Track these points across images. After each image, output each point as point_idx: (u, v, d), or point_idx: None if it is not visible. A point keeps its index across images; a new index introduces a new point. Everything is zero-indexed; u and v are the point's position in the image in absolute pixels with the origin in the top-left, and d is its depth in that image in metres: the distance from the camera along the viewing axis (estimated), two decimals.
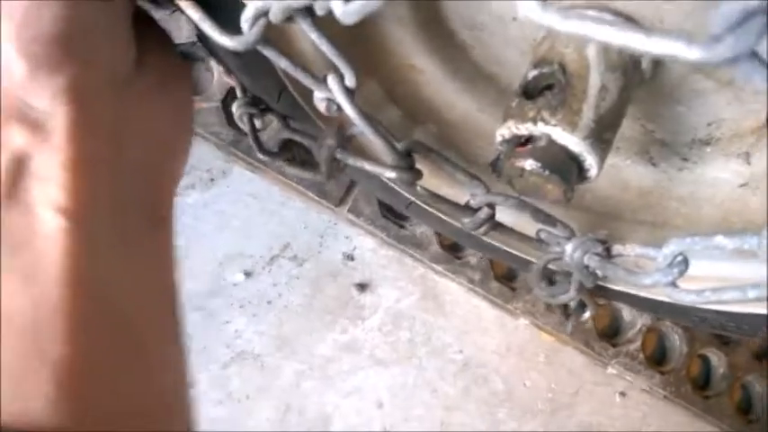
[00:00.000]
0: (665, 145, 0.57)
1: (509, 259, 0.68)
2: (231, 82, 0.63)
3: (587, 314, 0.58)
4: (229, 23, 0.46)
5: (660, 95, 0.54)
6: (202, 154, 1.29)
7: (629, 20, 0.46)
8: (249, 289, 1.27)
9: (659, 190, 0.61)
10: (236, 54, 0.57)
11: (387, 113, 0.61)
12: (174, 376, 0.44)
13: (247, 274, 1.28)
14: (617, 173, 0.60)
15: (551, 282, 0.59)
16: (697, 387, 1.29)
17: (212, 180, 1.34)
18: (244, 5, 0.46)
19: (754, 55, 0.32)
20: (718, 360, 1.29)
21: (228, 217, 1.29)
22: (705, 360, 1.30)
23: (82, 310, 0.37)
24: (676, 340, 1.28)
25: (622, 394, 1.31)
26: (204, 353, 1.22)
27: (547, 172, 0.46)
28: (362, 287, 1.31)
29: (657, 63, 0.51)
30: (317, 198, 1.24)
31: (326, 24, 0.41)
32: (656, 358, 1.30)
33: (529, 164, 0.46)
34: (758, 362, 1.29)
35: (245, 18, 0.46)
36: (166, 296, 0.45)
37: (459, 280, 1.27)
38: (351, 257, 1.32)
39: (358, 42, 0.57)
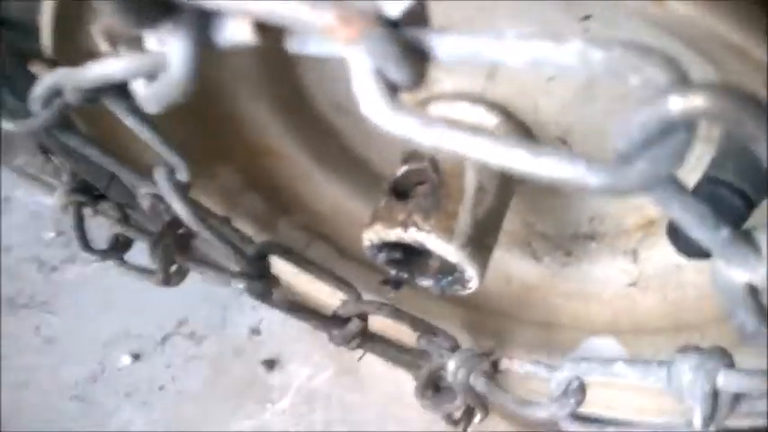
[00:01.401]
0: (546, 238, 0.52)
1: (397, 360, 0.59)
2: (54, 163, 0.51)
3: (477, 419, 0.50)
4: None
5: (537, 188, 0.48)
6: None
7: (511, 126, 0.39)
8: (138, 373, 1.12)
9: (544, 286, 0.56)
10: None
11: (248, 202, 0.51)
12: None
13: (135, 357, 1.13)
14: (499, 267, 0.54)
15: (438, 388, 0.50)
16: None
17: None
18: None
19: (671, 180, 0.24)
20: None
21: (114, 292, 1.15)
22: None
23: None
24: None
25: None
26: None
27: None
28: (271, 364, 1.18)
29: None
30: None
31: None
32: None
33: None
34: None
35: (34, 97, 0.36)
36: None
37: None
38: (257, 331, 1.20)
39: (209, 123, 0.47)
